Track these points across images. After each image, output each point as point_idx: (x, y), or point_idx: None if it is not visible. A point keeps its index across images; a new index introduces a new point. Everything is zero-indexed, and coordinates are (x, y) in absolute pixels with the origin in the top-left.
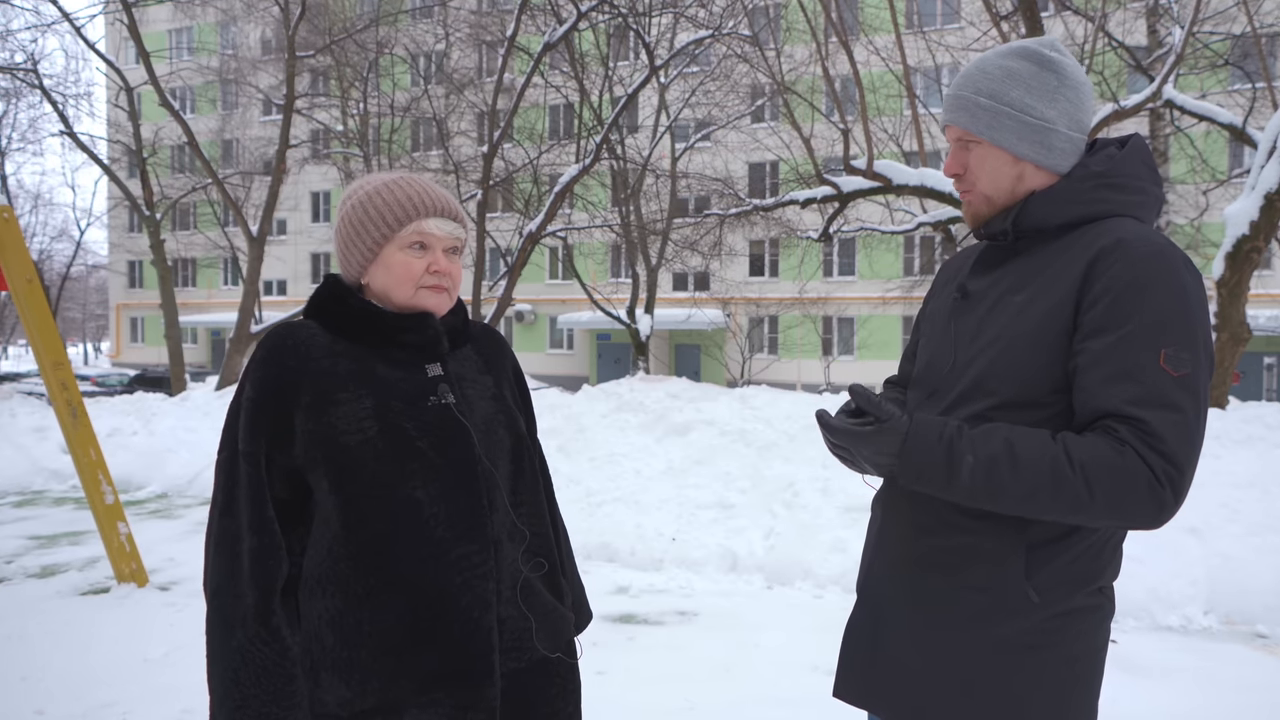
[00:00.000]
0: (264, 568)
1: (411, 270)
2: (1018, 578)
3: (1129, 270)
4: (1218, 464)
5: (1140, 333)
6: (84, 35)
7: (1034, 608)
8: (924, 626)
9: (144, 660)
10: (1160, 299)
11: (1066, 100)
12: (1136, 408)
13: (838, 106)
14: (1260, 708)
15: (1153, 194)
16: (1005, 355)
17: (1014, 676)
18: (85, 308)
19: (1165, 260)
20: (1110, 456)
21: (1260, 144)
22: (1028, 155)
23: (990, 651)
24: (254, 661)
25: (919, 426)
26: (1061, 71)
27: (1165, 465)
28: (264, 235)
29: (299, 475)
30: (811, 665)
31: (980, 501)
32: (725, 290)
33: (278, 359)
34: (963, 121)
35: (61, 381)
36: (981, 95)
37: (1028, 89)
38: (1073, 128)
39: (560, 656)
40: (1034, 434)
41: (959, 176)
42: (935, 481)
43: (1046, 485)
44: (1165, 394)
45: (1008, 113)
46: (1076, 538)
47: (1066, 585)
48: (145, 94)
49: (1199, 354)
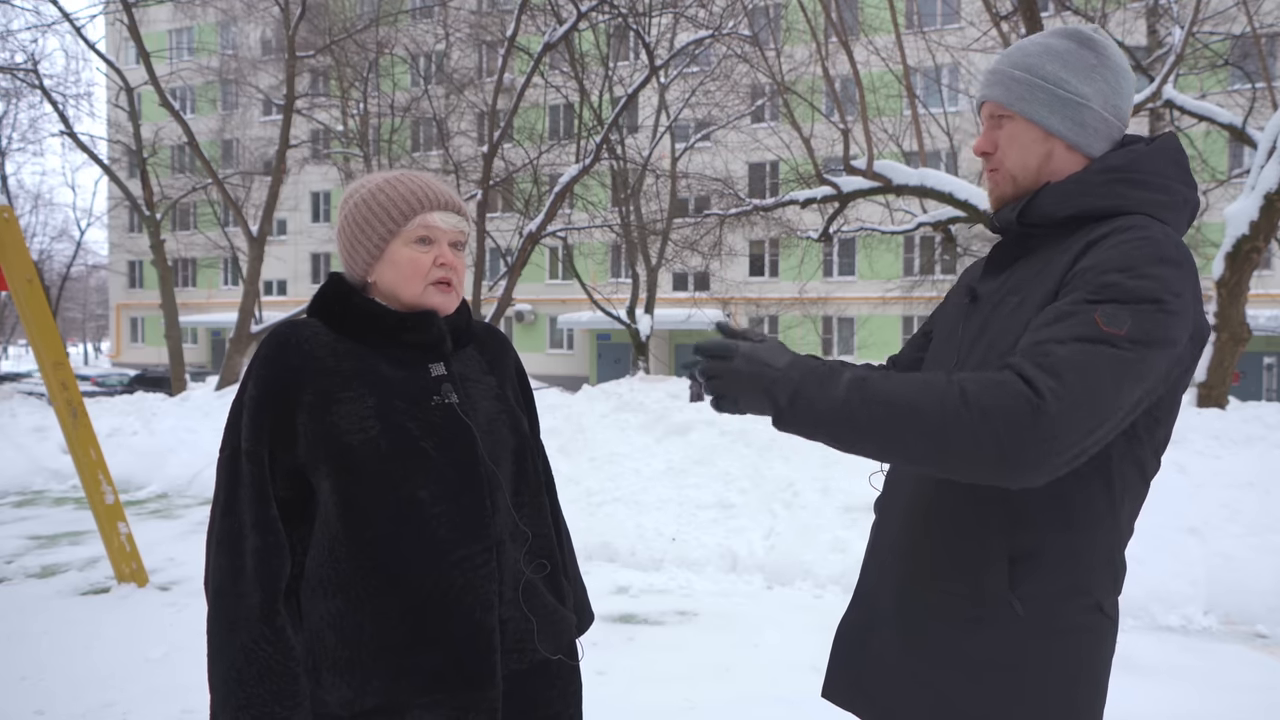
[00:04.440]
0: (268, 567)
1: (419, 265)
2: (1002, 588)
3: (1107, 251)
4: (1218, 464)
5: (1087, 290)
6: (84, 35)
7: (1019, 621)
8: (910, 634)
9: (144, 660)
10: (1127, 276)
11: (1104, 80)
12: (1041, 343)
13: (838, 106)
14: (1260, 708)
15: (1179, 194)
16: (995, 354)
17: (999, 694)
18: (85, 308)
19: (1151, 247)
20: (990, 374)
21: (1260, 144)
22: (1058, 130)
23: (975, 669)
24: (258, 661)
25: (800, 355)
26: (1102, 52)
27: (1045, 377)
28: (264, 235)
29: (301, 475)
30: (811, 665)
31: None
32: (725, 290)
33: (281, 357)
34: (996, 95)
35: (62, 381)
36: (1017, 69)
37: (1064, 64)
38: (1108, 110)
39: (561, 658)
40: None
41: (988, 155)
42: (810, 396)
43: (920, 395)
44: (1078, 334)
45: (1041, 85)
46: (1063, 548)
47: (1055, 599)
48: (145, 94)
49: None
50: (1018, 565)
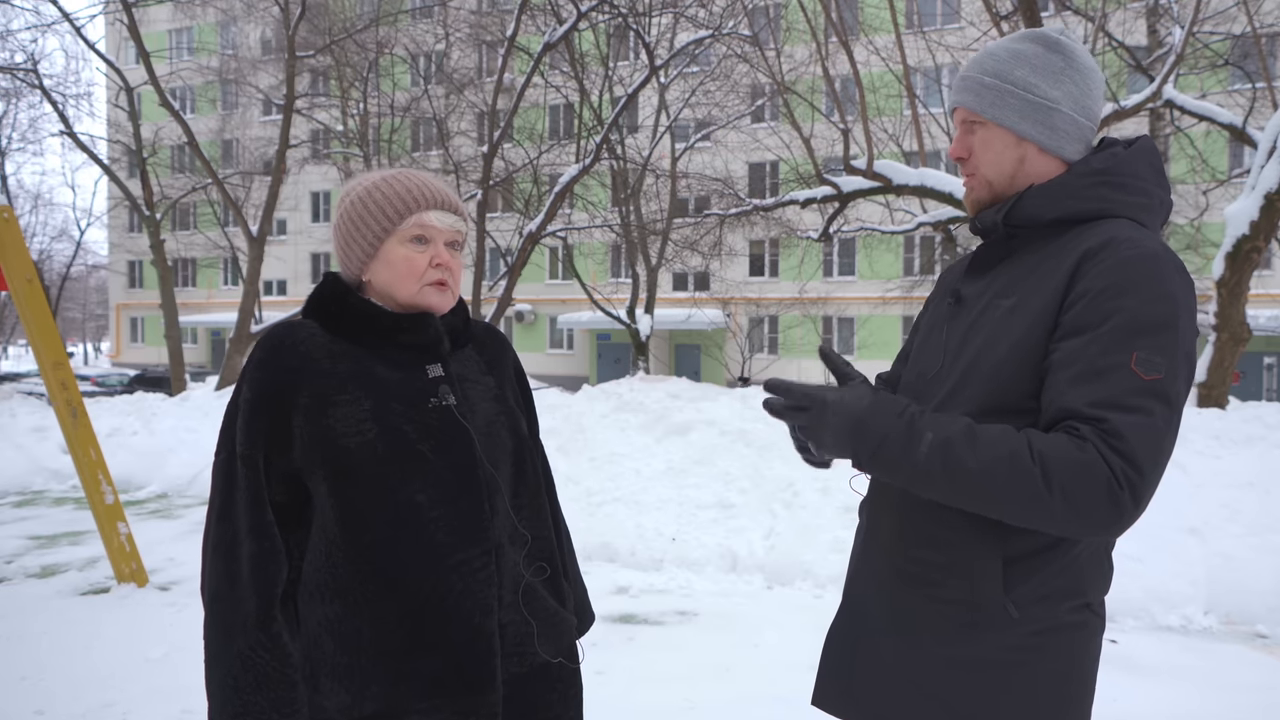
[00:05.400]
0: (264, 573)
1: (414, 265)
2: (996, 592)
3: (1113, 272)
4: (1218, 464)
5: (1114, 333)
6: (84, 35)
7: (1013, 623)
8: (902, 639)
9: (144, 660)
10: (1141, 302)
11: (1072, 83)
12: (1100, 408)
13: (838, 106)
14: (1260, 708)
15: (1156, 197)
16: (989, 359)
17: (993, 696)
18: (85, 308)
19: (1154, 264)
20: (1072, 452)
21: (1260, 144)
22: (1030, 134)
23: (969, 669)
24: (254, 668)
25: (882, 398)
26: (1069, 54)
27: (1125, 467)
28: (264, 235)
29: (297, 478)
30: (811, 665)
31: (937, 484)
32: (725, 290)
33: (276, 359)
34: (968, 102)
35: (61, 381)
36: (987, 75)
37: (1032, 68)
38: (1078, 111)
39: (562, 661)
40: (999, 425)
41: (963, 160)
42: (893, 454)
43: (1004, 471)
44: (1131, 396)
45: (1011, 90)
46: (1057, 551)
47: (1048, 601)
48: (145, 94)
49: (1175, 361)
50: (1012, 569)
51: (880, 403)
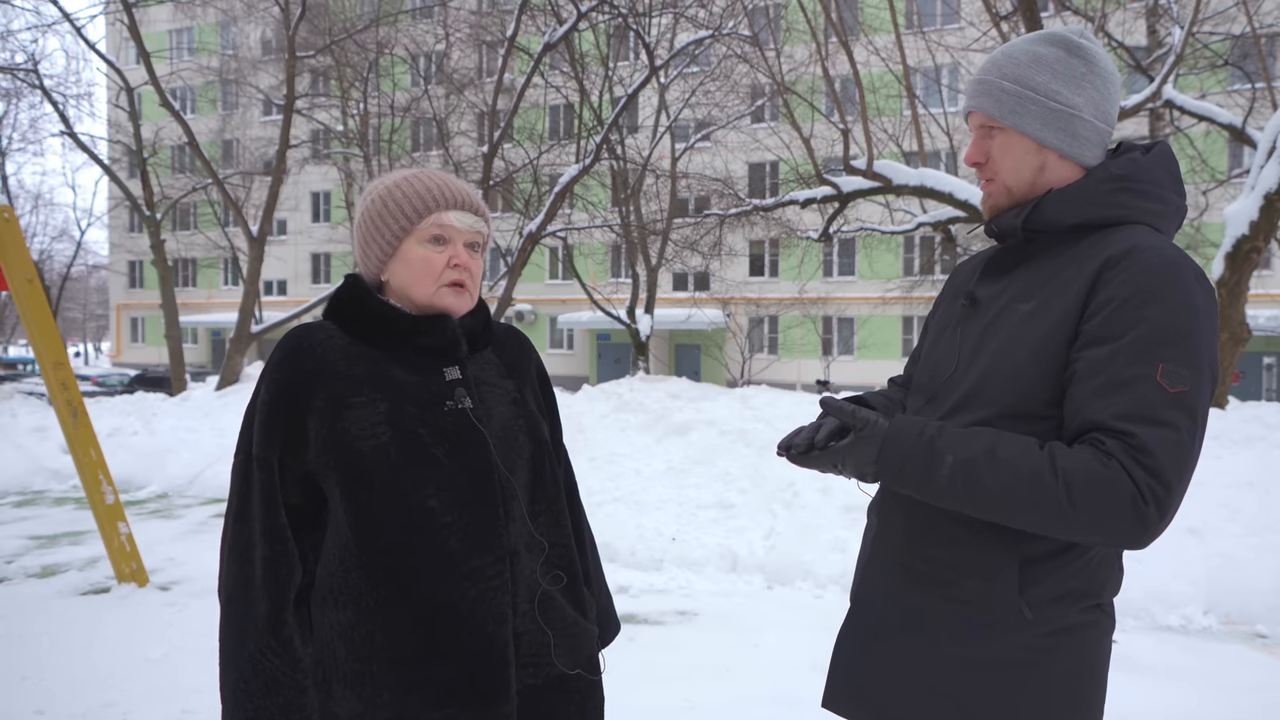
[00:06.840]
0: (275, 577)
1: (431, 265)
2: (1011, 593)
3: (1136, 280)
4: (1218, 464)
5: (1138, 345)
6: (84, 35)
7: (1028, 624)
8: (915, 638)
9: (144, 660)
10: (1164, 312)
11: (1094, 88)
12: (1125, 421)
13: (838, 106)
14: (1260, 708)
15: (1174, 204)
16: (1007, 364)
17: (1008, 695)
18: (85, 308)
19: (1176, 272)
20: (1095, 468)
21: (1260, 144)
22: (1051, 143)
23: (983, 669)
24: (264, 672)
25: (896, 427)
26: (1090, 58)
27: (1151, 481)
28: (264, 235)
29: (312, 481)
30: (811, 665)
31: (960, 503)
32: (725, 290)
33: (293, 361)
34: (986, 107)
35: (62, 381)
36: (1006, 80)
37: (1054, 74)
38: (1099, 117)
39: (581, 673)
40: (1020, 439)
41: (980, 165)
42: (915, 480)
43: (1026, 491)
44: (1157, 409)
45: (1032, 97)
46: (1073, 553)
47: (1062, 602)
48: (145, 94)
49: (1200, 373)
50: (1027, 571)
51: (898, 427)
